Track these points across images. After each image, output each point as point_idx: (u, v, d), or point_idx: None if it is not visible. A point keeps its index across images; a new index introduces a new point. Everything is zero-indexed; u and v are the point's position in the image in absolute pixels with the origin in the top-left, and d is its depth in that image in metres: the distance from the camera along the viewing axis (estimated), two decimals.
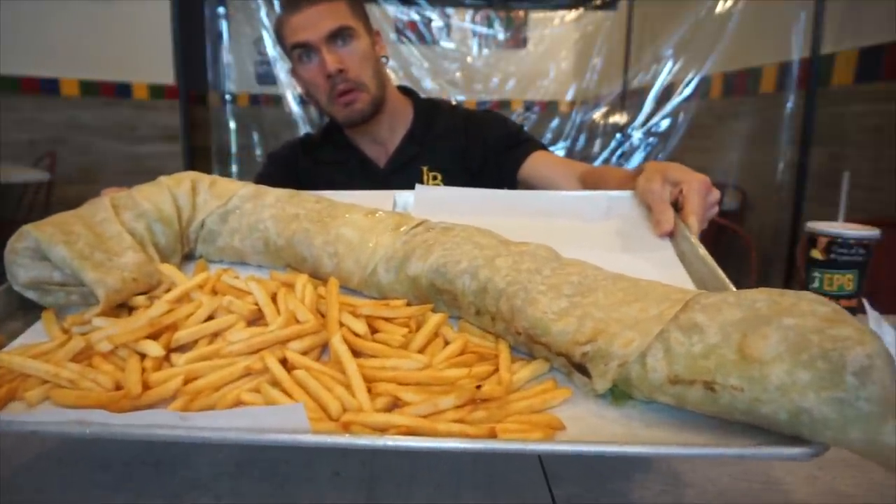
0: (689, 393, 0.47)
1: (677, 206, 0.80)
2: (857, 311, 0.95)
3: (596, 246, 0.78)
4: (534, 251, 0.64)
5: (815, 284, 0.96)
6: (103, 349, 0.56)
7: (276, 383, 0.52)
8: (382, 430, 0.46)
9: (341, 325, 0.59)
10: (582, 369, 0.52)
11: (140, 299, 0.66)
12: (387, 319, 0.62)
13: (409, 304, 0.65)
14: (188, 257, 0.82)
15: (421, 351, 0.57)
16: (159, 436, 0.44)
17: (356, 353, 0.56)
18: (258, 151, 4.55)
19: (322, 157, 1.45)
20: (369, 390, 0.51)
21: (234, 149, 4.60)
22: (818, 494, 0.57)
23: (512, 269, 0.61)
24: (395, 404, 0.50)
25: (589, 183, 1.17)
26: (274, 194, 0.82)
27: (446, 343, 0.59)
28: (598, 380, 0.50)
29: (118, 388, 0.52)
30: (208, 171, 0.91)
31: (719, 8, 3.44)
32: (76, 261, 0.64)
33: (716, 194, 0.82)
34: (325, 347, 0.59)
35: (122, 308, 0.66)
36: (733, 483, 0.59)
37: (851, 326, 0.43)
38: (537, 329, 0.55)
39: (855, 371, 0.41)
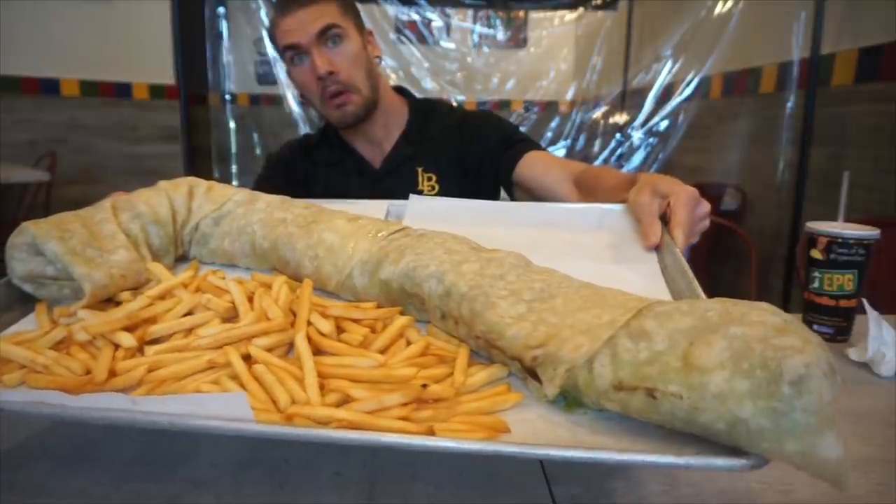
0: (632, 400, 0.46)
1: (666, 219, 0.80)
2: (857, 311, 0.96)
3: (584, 257, 0.79)
4: (503, 258, 0.64)
5: (815, 284, 0.96)
6: (81, 339, 0.59)
7: (234, 376, 0.54)
8: (324, 423, 0.47)
9: (309, 324, 0.61)
10: (533, 374, 0.52)
11: (126, 295, 0.69)
12: (355, 321, 0.63)
13: (379, 307, 0.67)
14: (183, 259, 0.85)
15: (382, 351, 0.59)
16: (110, 419, 0.46)
17: (320, 352, 0.58)
18: (258, 151, 4.56)
19: (318, 158, 1.45)
20: (323, 387, 0.52)
21: (234, 149, 4.60)
22: (818, 495, 0.57)
23: (477, 274, 0.62)
24: (346, 400, 0.51)
25: (584, 184, 1.17)
26: (265, 200, 0.85)
27: (409, 345, 0.60)
28: (547, 384, 0.50)
29: (88, 374, 0.55)
30: (208, 171, 0.93)
31: (719, 8, 3.44)
32: (67, 256, 0.67)
33: (705, 207, 0.82)
34: (291, 345, 0.60)
35: (109, 303, 0.69)
36: (733, 483, 0.59)
37: (797, 336, 0.42)
38: (493, 333, 0.56)
39: (792, 380, 0.39)
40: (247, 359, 0.56)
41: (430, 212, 0.90)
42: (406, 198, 0.95)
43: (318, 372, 0.53)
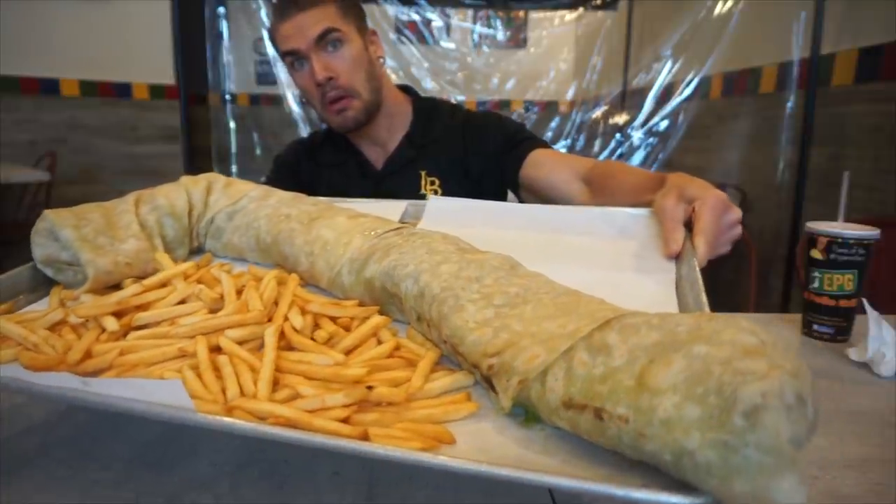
0: (580, 419, 0.42)
1: (691, 226, 0.75)
2: (857, 311, 0.96)
3: (598, 264, 0.74)
4: (486, 260, 0.62)
5: (815, 284, 0.96)
6: (72, 321, 0.62)
7: (196, 365, 0.54)
8: (263, 418, 0.46)
9: (286, 318, 0.61)
10: (490, 384, 0.49)
11: (130, 282, 0.71)
12: (331, 318, 0.63)
13: (361, 306, 0.66)
14: (199, 252, 0.88)
15: (350, 350, 0.58)
16: (52, 395, 0.47)
17: (292, 348, 0.58)
18: (258, 151, 4.56)
19: (322, 159, 1.44)
20: (278, 382, 0.52)
21: (234, 149, 4.60)
22: (818, 495, 0.57)
23: (452, 275, 0.59)
24: (295, 397, 0.50)
25: (595, 182, 1.12)
26: (277, 196, 0.87)
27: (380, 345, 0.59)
28: (501, 396, 0.47)
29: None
30: (208, 171, 0.93)
31: (719, 8, 3.44)
32: (77, 242, 0.71)
33: (735, 214, 0.77)
34: None
35: (116, 289, 0.71)
36: None
37: (765, 360, 0.36)
38: (455, 338, 0.53)
39: (745, 411, 0.34)
40: (219, 349, 0.56)
41: (447, 212, 0.89)
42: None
43: (277, 367, 0.53)
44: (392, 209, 0.93)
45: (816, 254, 0.95)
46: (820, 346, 0.96)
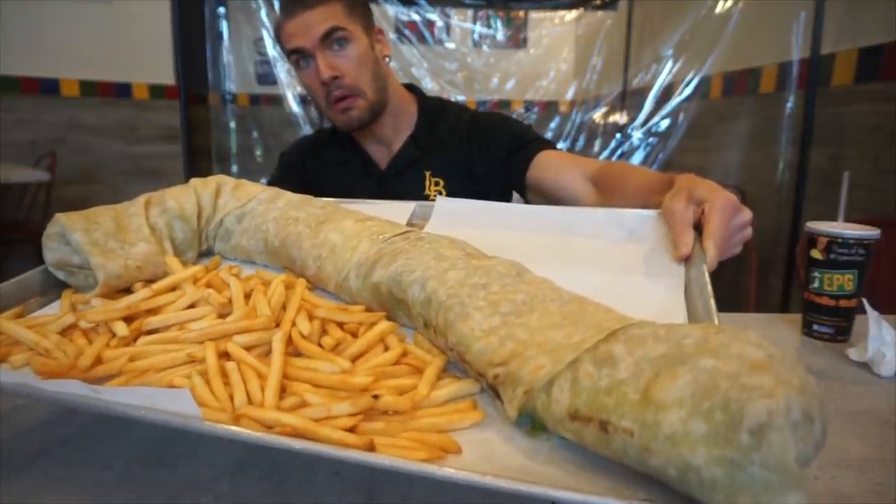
0: (585, 431, 0.42)
1: (700, 228, 0.74)
2: (857, 311, 0.95)
3: (607, 267, 0.74)
4: (492, 266, 0.61)
5: (815, 284, 0.96)
6: (83, 326, 0.62)
7: (204, 372, 0.54)
8: (270, 427, 0.46)
9: (294, 324, 0.61)
10: (496, 392, 0.49)
11: (141, 286, 0.71)
12: (339, 323, 0.63)
13: (368, 311, 0.66)
14: (208, 254, 0.88)
15: (357, 357, 0.58)
16: (62, 401, 0.48)
17: (299, 353, 0.58)
18: (258, 151, 4.57)
19: (327, 158, 1.43)
20: (285, 389, 0.52)
21: (234, 149, 4.61)
22: (818, 495, 0.57)
23: (459, 282, 0.59)
24: (302, 405, 0.50)
25: (604, 184, 1.11)
26: (286, 198, 0.87)
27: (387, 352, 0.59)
28: (507, 405, 0.47)
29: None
30: (208, 171, 0.94)
31: (719, 8, 3.44)
32: (87, 246, 0.71)
33: (745, 215, 0.75)
34: None
35: (127, 293, 0.71)
36: None
37: (773, 375, 0.36)
38: (462, 346, 0.53)
39: (751, 428, 0.34)
40: (228, 354, 0.56)
41: (456, 214, 0.89)
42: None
43: (284, 373, 0.53)
44: (400, 210, 0.93)
45: (816, 254, 0.95)
46: (820, 346, 0.96)
